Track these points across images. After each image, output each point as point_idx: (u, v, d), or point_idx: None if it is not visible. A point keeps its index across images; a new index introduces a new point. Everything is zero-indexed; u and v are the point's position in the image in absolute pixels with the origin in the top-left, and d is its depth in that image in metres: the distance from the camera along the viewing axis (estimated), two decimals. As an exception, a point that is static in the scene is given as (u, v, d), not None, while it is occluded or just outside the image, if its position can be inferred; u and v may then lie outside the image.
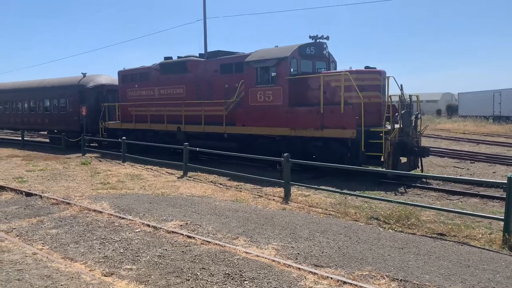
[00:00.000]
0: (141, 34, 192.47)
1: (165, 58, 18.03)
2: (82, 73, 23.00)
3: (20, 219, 8.08)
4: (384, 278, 5.16)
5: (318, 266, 5.56)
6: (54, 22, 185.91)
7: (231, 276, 5.19)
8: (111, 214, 8.21)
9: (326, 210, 8.65)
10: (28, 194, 10.25)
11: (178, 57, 17.63)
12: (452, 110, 50.57)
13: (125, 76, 19.72)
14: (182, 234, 6.84)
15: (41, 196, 9.90)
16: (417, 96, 13.17)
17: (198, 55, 17.45)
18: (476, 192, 10.20)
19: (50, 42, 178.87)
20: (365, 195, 9.52)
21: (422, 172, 12.17)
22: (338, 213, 8.38)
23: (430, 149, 13.68)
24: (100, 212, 8.40)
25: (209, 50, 21.85)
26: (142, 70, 18.89)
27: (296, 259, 5.82)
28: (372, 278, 5.18)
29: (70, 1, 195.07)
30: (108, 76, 23.32)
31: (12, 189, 10.82)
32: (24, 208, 8.95)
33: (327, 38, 14.05)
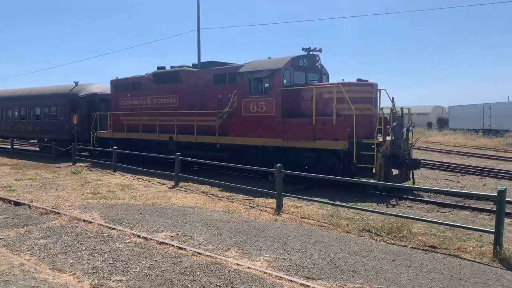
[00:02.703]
0: (134, 43, 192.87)
1: (158, 68, 18.05)
2: (74, 81, 22.90)
3: (8, 228, 7.95)
4: (376, 291, 5.14)
5: (310, 278, 5.53)
6: (46, 31, 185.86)
7: (222, 288, 5.14)
8: (101, 225, 8.10)
9: (318, 221, 8.63)
10: (17, 204, 10.10)
11: (171, 67, 17.67)
12: (442, 123, 51.17)
13: (118, 85, 19.67)
14: (173, 245, 6.77)
15: (29, 206, 9.76)
16: (408, 108, 13.29)
17: (191, 65, 17.51)
18: (467, 205, 10.26)
19: (42, 51, 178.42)
20: (357, 207, 9.53)
21: (413, 184, 12.22)
22: (330, 224, 8.36)
23: (421, 161, 13.77)
24: (90, 222, 8.29)
25: (202, 60, 21.93)
26: (135, 80, 18.87)
27: (288, 271, 5.78)
28: (364, 290, 5.16)
29: (63, 10, 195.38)
30: (100, 85, 23.20)
31: (0, 198, 10.66)
32: (12, 218, 8.81)
33: (320, 50, 14.20)
